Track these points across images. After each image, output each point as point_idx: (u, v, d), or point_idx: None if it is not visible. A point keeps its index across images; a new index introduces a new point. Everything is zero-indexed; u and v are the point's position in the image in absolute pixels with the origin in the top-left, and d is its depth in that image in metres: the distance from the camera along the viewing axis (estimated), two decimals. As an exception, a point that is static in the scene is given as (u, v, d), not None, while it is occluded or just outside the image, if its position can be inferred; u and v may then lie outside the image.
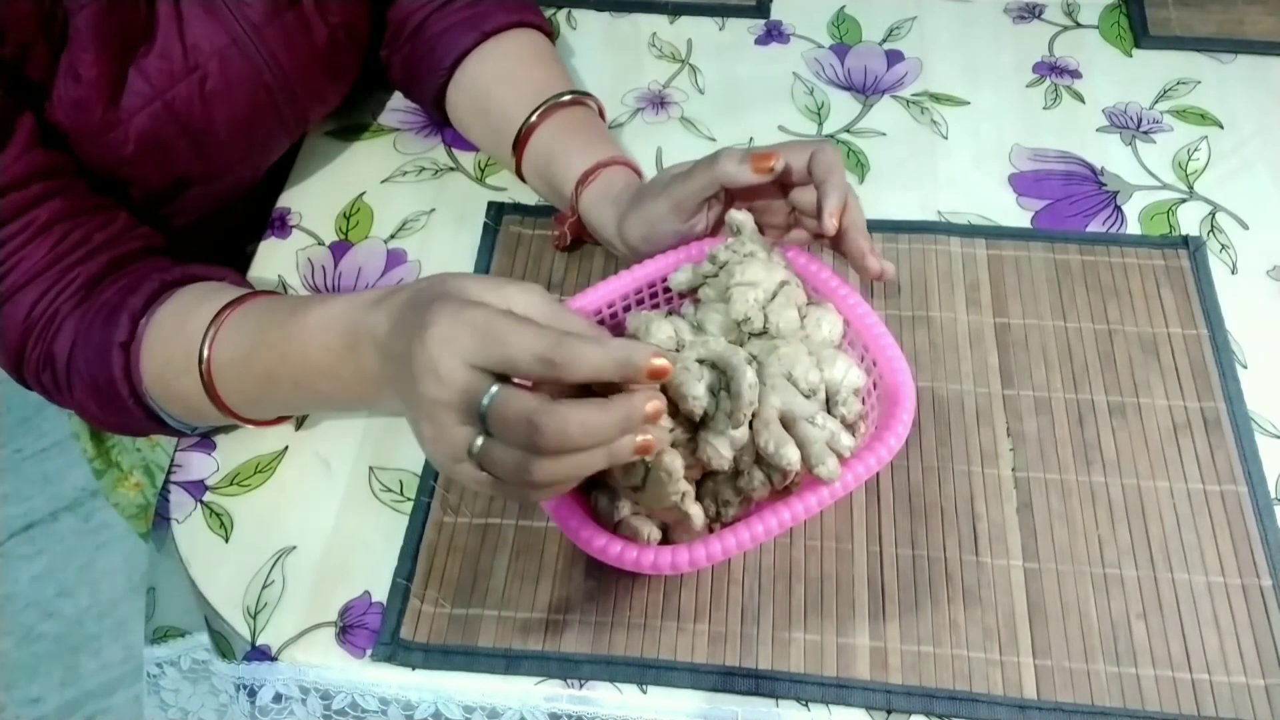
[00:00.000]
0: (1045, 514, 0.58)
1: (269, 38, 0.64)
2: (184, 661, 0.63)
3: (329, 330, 0.50)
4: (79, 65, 0.57)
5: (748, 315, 0.54)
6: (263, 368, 0.54)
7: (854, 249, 0.56)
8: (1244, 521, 0.58)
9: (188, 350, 0.55)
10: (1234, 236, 0.71)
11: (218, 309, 0.55)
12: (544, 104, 0.68)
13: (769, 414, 0.50)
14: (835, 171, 0.56)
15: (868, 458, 0.50)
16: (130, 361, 0.56)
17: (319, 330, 0.51)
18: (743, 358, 0.49)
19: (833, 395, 0.53)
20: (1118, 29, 0.85)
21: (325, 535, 0.59)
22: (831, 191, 0.55)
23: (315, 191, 0.76)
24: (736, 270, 0.55)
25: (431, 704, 0.54)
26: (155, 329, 0.56)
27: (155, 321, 0.57)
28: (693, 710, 0.53)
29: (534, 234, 0.72)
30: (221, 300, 0.56)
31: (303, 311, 0.52)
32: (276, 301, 0.56)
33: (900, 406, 0.52)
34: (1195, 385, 0.63)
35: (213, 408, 0.57)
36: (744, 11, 0.87)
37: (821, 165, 0.56)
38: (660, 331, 0.54)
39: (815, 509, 0.50)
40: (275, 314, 0.54)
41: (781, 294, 0.55)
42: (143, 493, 0.84)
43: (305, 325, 0.51)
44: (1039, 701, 0.52)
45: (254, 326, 0.55)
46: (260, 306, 0.56)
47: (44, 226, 0.57)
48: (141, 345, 0.56)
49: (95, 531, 1.47)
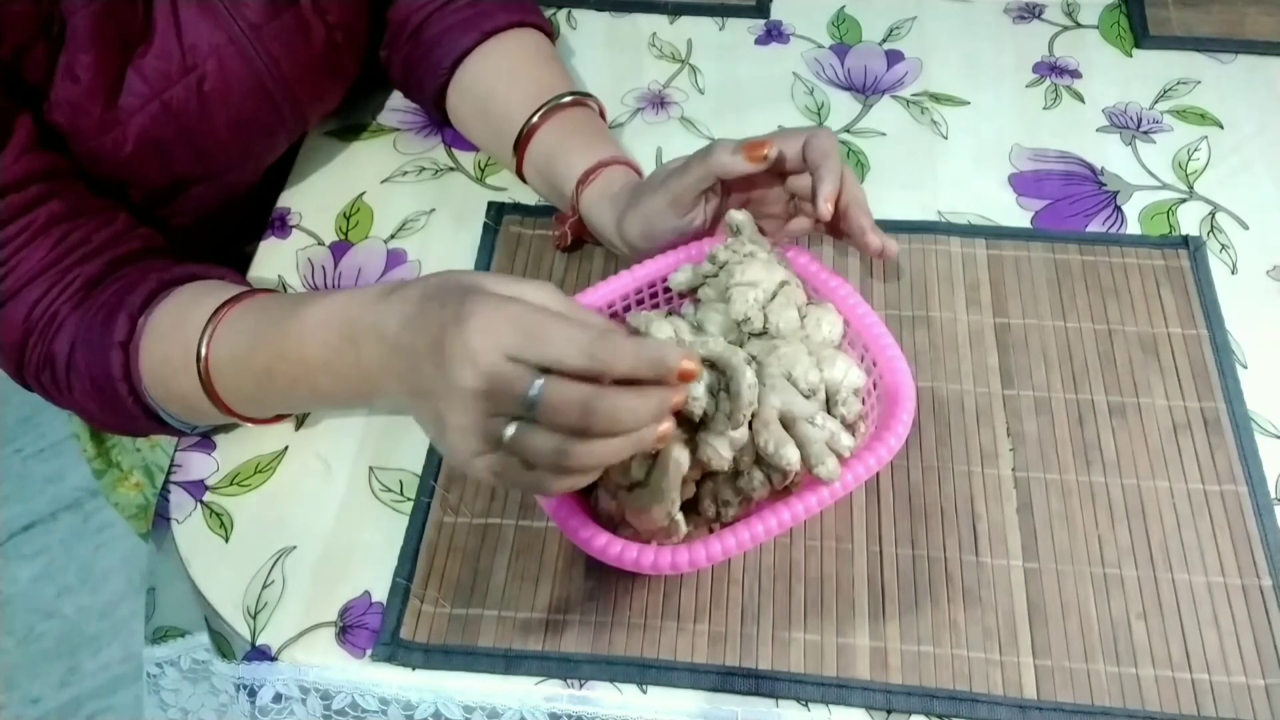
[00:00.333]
0: (1045, 514, 0.58)
1: (267, 38, 0.64)
2: (184, 661, 0.63)
3: (327, 326, 0.50)
4: (76, 66, 0.57)
5: (748, 315, 0.54)
6: (260, 365, 0.54)
7: (854, 225, 0.56)
8: (1244, 521, 0.58)
9: (185, 348, 0.55)
10: (1234, 236, 0.71)
11: (215, 307, 0.55)
12: (545, 105, 0.68)
13: (769, 414, 0.50)
14: (830, 156, 0.56)
15: (868, 458, 0.50)
16: (129, 360, 0.56)
17: (317, 327, 0.51)
18: (742, 358, 0.49)
19: (833, 395, 0.53)
20: (1118, 29, 0.85)
21: (325, 535, 0.59)
22: (826, 176, 0.55)
23: (315, 191, 0.76)
24: (736, 270, 0.55)
25: (431, 704, 0.54)
26: (153, 327, 0.56)
27: (153, 320, 0.57)
28: (693, 710, 0.53)
29: (534, 234, 0.72)
30: (219, 298, 0.56)
31: (300, 308, 0.52)
32: (274, 299, 0.56)
33: (900, 406, 0.52)
34: (1195, 385, 0.63)
35: (211, 406, 0.56)
36: (744, 11, 0.87)
37: (816, 150, 0.56)
38: (660, 332, 0.54)
39: (815, 509, 0.50)
40: (272, 311, 0.54)
41: (781, 294, 0.55)
42: (143, 493, 0.84)
43: (303, 322, 0.51)
44: (1039, 701, 0.52)
45: (251, 324, 0.55)
46: (258, 304, 0.56)
47: (43, 228, 0.57)
48: (140, 344, 0.56)
49: (95, 531, 1.47)
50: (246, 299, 0.56)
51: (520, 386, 0.42)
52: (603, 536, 0.49)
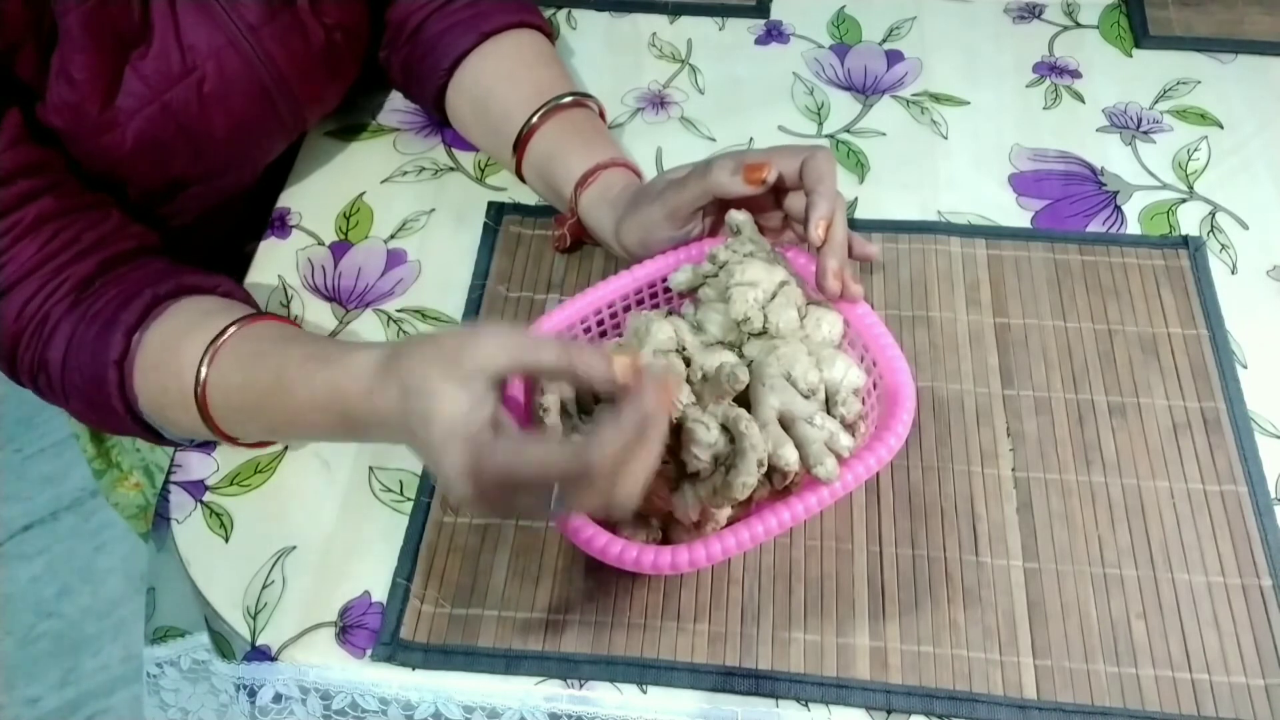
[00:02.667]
0: (1045, 514, 0.58)
1: (265, 39, 0.64)
2: (184, 661, 0.63)
3: (324, 410, 0.52)
4: (71, 67, 0.57)
5: (747, 315, 0.54)
6: (261, 425, 0.58)
7: (820, 264, 0.56)
8: (1244, 521, 0.58)
9: (182, 388, 0.55)
10: (1234, 236, 0.71)
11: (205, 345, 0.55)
12: (544, 105, 0.68)
13: (768, 414, 0.50)
14: (824, 179, 0.56)
15: (867, 458, 0.50)
16: (124, 379, 0.56)
17: (311, 409, 0.53)
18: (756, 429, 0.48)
19: (832, 395, 0.53)
20: (1118, 29, 0.85)
21: (325, 535, 0.59)
22: (819, 201, 0.55)
23: (315, 191, 0.76)
24: (736, 270, 0.55)
25: (431, 704, 0.54)
26: (146, 353, 0.56)
27: (146, 344, 0.56)
28: (693, 710, 0.53)
29: (534, 234, 0.72)
30: (210, 332, 0.56)
31: (291, 385, 0.53)
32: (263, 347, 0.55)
33: (900, 406, 0.52)
34: (1195, 385, 0.63)
35: (212, 434, 0.58)
36: (744, 11, 0.87)
37: (812, 174, 0.56)
38: (660, 332, 0.54)
39: (815, 509, 0.50)
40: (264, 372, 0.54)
41: (781, 294, 0.55)
42: (143, 493, 0.84)
43: (296, 399, 0.53)
44: (1039, 701, 0.52)
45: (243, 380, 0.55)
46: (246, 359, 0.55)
47: (32, 225, 0.56)
48: (134, 366, 0.56)
49: (95, 531, 1.47)
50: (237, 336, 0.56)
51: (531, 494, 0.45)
52: (603, 536, 0.49)
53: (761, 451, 0.48)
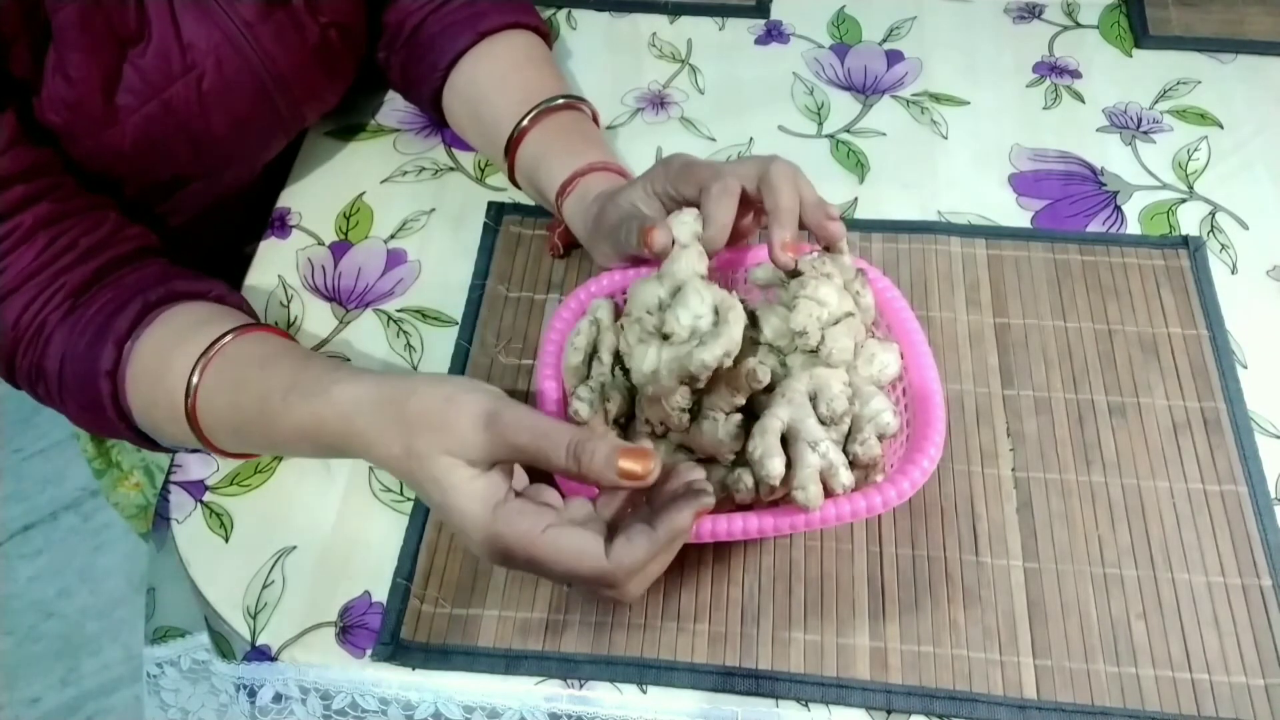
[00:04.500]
0: (1045, 514, 0.58)
1: (262, 36, 0.64)
2: (184, 661, 0.63)
3: (312, 441, 0.53)
4: (68, 66, 0.57)
5: (806, 329, 0.52)
6: (252, 445, 0.59)
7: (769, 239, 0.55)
8: (1244, 521, 0.58)
9: (172, 404, 0.56)
10: (1234, 236, 0.71)
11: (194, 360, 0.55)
12: (535, 109, 0.67)
13: (771, 424, 0.49)
14: (779, 193, 0.54)
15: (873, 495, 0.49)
16: (117, 389, 0.56)
17: (296, 439, 0.54)
18: (741, 324, 0.50)
19: (855, 431, 0.51)
20: (1118, 29, 0.85)
21: (325, 535, 0.59)
22: (775, 226, 0.54)
23: (315, 191, 0.76)
24: (810, 284, 0.53)
25: (431, 704, 0.54)
26: (137, 364, 0.56)
27: (137, 354, 0.56)
28: (693, 710, 0.53)
29: (534, 234, 0.72)
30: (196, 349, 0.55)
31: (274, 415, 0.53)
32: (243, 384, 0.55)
33: (923, 454, 0.50)
34: (1195, 385, 0.63)
35: (205, 449, 0.58)
36: (744, 11, 0.87)
37: (770, 193, 0.55)
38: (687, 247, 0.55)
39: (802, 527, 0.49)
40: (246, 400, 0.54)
41: (844, 323, 0.53)
42: (143, 493, 0.84)
43: (283, 431, 0.53)
44: (1039, 701, 0.52)
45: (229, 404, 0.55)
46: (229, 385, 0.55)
47: (30, 231, 0.56)
48: (126, 377, 0.56)
49: (95, 531, 1.47)
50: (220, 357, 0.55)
51: None
52: None
53: (732, 345, 0.49)
